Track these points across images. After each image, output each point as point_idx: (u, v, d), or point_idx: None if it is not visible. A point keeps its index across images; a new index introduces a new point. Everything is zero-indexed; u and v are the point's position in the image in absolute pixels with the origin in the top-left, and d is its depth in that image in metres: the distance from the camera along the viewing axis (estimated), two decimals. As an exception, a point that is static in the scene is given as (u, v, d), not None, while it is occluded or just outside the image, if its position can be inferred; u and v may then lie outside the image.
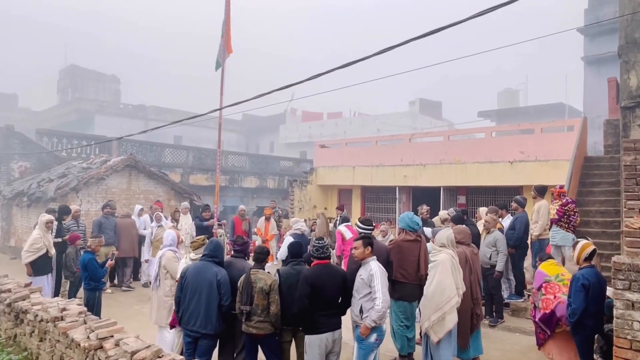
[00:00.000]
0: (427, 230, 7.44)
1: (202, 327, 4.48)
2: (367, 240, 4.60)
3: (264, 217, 11.61)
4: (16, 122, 22.22)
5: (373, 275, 4.31)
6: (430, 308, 4.72)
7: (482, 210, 8.70)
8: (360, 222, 5.48)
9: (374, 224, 5.60)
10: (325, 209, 16.61)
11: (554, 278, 5.09)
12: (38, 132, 16.83)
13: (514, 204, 8.03)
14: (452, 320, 4.65)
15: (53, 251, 7.79)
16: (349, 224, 10.41)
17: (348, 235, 10.13)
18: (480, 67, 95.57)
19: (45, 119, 36.58)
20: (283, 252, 7.38)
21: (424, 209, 8.86)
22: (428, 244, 6.00)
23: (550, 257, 5.50)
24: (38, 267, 7.53)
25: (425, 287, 4.91)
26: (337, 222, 11.28)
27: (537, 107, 24.12)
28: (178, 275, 5.02)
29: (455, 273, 4.83)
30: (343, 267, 6.64)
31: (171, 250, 6.10)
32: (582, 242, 4.85)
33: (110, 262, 6.77)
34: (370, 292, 4.30)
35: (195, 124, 33.23)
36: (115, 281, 9.81)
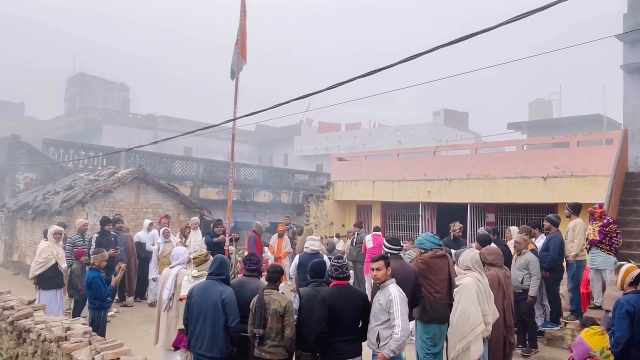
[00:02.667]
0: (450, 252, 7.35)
1: (208, 351, 4.48)
2: (387, 260, 4.56)
3: (277, 234, 11.63)
4: (22, 131, 22.81)
5: (392, 301, 4.26)
6: (455, 337, 4.64)
7: (513, 229, 8.58)
8: (388, 241, 5.43)
9: (402, 244, 5.56)
10: (343, 226, 16.57)
11: (599, 353, 4.63)
12: (44, 142, 17.26)
13: (546, 223, 7.89)
14: (477, 350, 4.56)
15: (64, 264, 7.85)
16: (378, 233, 11.06)
17: (370, 244, 10.55)
18: (510, 74, 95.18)
19: (52, 128, 37.55)
20: (293, 269, 7.41)
21: (457, 226, 8.75)
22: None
23: (595, 323, 4.98)
24: (45, 280, 7.59)
25: (451, 315, 4.83)
26: (355, 240, 11.27)
27: (572, 118, 23.82)
28: (182, 294, 5.04)
29: (483, 298, 4.75)
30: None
31: (184, 268, 6.16)
32: (627, 265, 4.74)
33: (115, 278, 6.84)
34: (389, 319, 4.25)
35: (206, 135, 33.70)
36: (127, 299, 9.94)
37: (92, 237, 8.97)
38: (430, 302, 5.36)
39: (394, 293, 4.30)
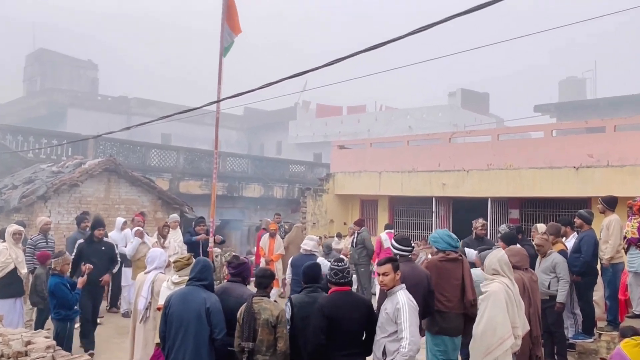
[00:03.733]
0: (471, 253, 7.34)
1: (191, 368, 4.50)
2: (396, 263, 4.56)
3: (268, 234, 11.64)
4: (-25, 117, 22.74)
5: (400, 310, 4.26)
6: (480, 351, 4.64)
7: (540, 227, 8.56)
8: (397, 241, 5.43)
9: (413, 244, 5.56)
10: (345, 224, 16.58)
11: None
12: (0, 129, 17.20)
13: (577, 220, 7.87)
14: None
15: (24, 270, 7.82)
16: (392, 231, 11.40)
17: (387, 244, 10.93)
18: (538, 47, 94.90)
19: (9, 113, 37.38)
20: (288, 272, 7.45)
21: (480, 223, 8.72)
22: (475, 270, 5.94)
23: (637, 333, 4.76)
24: (3, 288, 7.51)
25: (474, 326, 4.84)
26: (355, 241, 11.33)
27: (608, 99, 23.78)
28: (160, 302, 5.05)
29: (513, 308, 4.74)
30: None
31: (162, 273, 6.16)
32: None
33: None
34: (397, 331, 4.25)
35: (187, 120, 33.58)
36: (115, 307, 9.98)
37: (70, 240, 8.80)
38: (440, 311, 5.38)
39: (403, 301, 4.30)
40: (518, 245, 6.57)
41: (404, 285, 4.50)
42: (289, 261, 7.58)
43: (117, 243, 10.37)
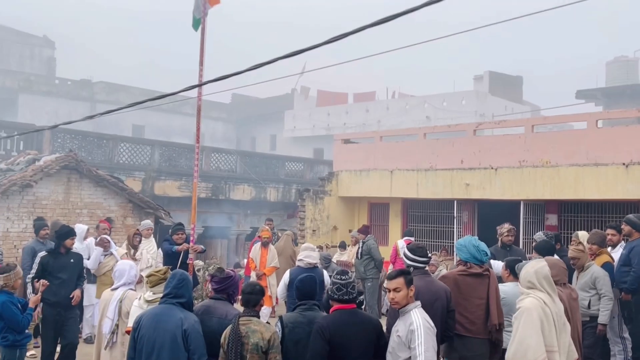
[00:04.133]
0: (496, 265, 7.35)
1: (164, 400, 4.51)
2: (409, 276, 4.57)
3: (260, 243, 11.66)
4: None
5: (414, 332, 4.27)
6: None
7: (582, 235, 8.57)
8: (410, 250, 5.44)
9: (429, 255, 5.58)
10: (350, 231, 16.57)
11: None
12: (-61, 118, 17.23)
13: (625, 227, 7.86)
14: None
15: None
16: (411, 238, 11.68)
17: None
18: (581, 21, 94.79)
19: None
20: (282, 289, 7.48)
21: (505, 228, 8.73)
22: (503, 286, 5.96)
23: None
24: None
25: (508, 347, 4.87)
26: (360, 251, 11.36)
27: (665, 83, 23.76)
28: (129, 324, 5.06)
29: (550, 328, 4.74)
30: None
31: (132, 290, 6.17)
32: None
33: (34, 298, 6.78)
34: (410, 357, 4.26)
35: (164, 109, 33.75)
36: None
37: (27, 251, 8.62)
38: (461, 336, 5.38)
39: (418, 321, 4.30)
40: (556, 257, 6.58)
41: (419, 302, 4.50)
42: (286, 275, 7.57)
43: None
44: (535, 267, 4.97)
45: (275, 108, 38.83)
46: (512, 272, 5.95)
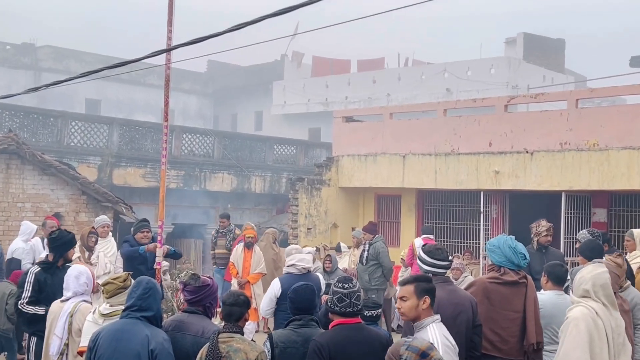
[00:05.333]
0: None
1: None
2: (424, 285, 4.56)
3: (242, 244, 11.66)
4: None
5: None
6: None
7: (636, 233, 8.59)
8: (427, 253, 5.42)
9: (450, 258, 5.56)
10: (353, 229, 16.56)
11: None
12: None
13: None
14: None
15: None
16: (431, 236, 11.91)
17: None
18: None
19: None
20: (268, 303, 7.46)
21: (544, 226, 8.75)
22: (542, 296, 5.96)
23: None
24: None
25: None
26: (366, 255, 11.33)
27: None
28: (82, 344, 5.02)
29: (602, 345, 4.74)
30: None
31: (87, 302, 6.14)
32: None
33: None
34: None
35: (124, 79, 33.52)
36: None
37: (29, 270, 8.10)
38: (490, 356, 5.38)
39: (435, 339, 4.31)
40: (604, 261, 6.57)
41: (438, 317, 4.52)
42: (275, 285, 7.54)
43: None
44: (593, 272, 4.96)
45: (262, 79, 38.66)
46: (552, 279, 5.97)
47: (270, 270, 12.05)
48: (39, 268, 7.15)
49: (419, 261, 5.50)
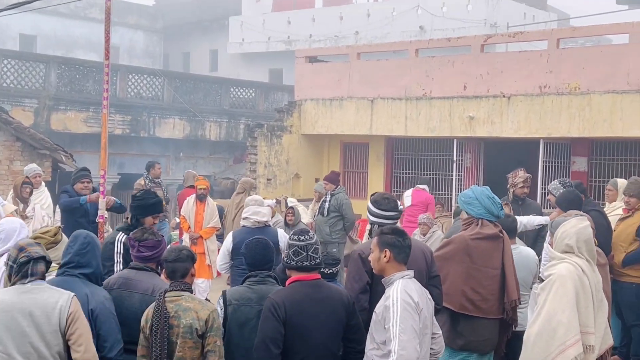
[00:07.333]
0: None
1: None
2: (386, 237, 4.60)
3: (194, 196, 11.66)
4: None
5: (388, 309, 4.33)
6: None
7: (620, 183, 8.74)
8: (372, 202, 5.42)
9: (400, 206, 5.57)
10: (317, 180, 16.64)
11: None
12: None
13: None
14: None
15: None
16: (423, 187, 12.53)
17: (407, 202, 12.12)
18: None
19: None
20: (222, 258, 7.51)
21: (520, 177, 8.87)
22: (520, 248, 6.10)
23: None
24: None
25: (528, 325, 5.01)
26: (328, 205, 11.41)
27: None
28: None
29: (587, 303, 4.86)
30: None
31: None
32: None
33: None
34: (386, 341, 4.35)
35: (62, 13, 32.82)
36: None
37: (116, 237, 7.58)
38: (468, 317, 5.49)
39: (395, 296, 4.36)
40: (579, 212, 6.70)
41: (408, 272, 4.53)
42: (228, 239, 7.58)
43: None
44: (577, 227, 5.05)
45: (217, 13, 38.19)
46: (505, 233, 6.10)
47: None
48: (125, 235, 6.61)
49: (368, 213, 5.49)
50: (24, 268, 4.22)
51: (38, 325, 4.12)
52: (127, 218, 7.09)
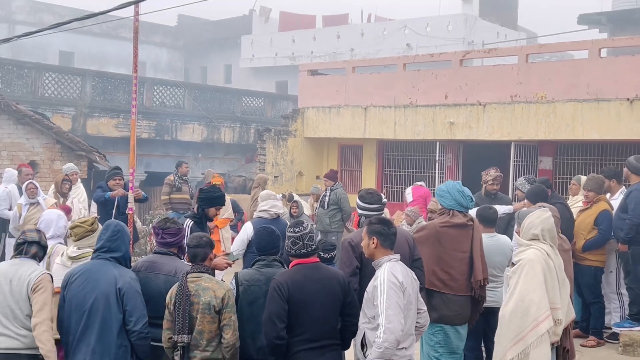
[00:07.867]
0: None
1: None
2: (374, 227, 4.66)
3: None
4: None
5: (377, 288, 4.41)
6: (508, 338, 4.83)
7: (583, 180, 8.74)
8: (359, 198, 5.55)
9: (384, 200, 5.66)
10: (318, 177, 16.68)
11: None
12: None
13: (626, 170, 8.11)
14: (541, 357, 4.75)
15: None
16: (421, 184, 12.60)
17: (409, 198, 12.18)
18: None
19: None
20: (239, 244, 7.49)
21: (491, 175, 8.90)
22: (488, 236, 6.13)
23: None
24: None
25: (502, 306, 5.03)
26: (328, 199, 11.48)
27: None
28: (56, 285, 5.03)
29: (554, 283, 4.90)
30: None
31: (62, 244, 6.12)
32: None
33: None
34: (375, 316, 4.41)
35: (96, 32, 32.83)
36: None
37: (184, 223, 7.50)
38: (441, 293, 5.56)
39: (382, 277, 4.43)
40: (546, 205, 6.71)
41: (395, 256, 4.60)
42: (248, 227, 7.52)
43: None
44: (541, 217, 5.09)
45: (230, 33, 38.07)
46: (482, 221, 6.27)
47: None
48: (193, 222, 6.59)
49: (357, 206, 5.60)
50: (20, 247, 4.77)
51: (14, 291, 4.58)
52: (194, 208, 7.11)
